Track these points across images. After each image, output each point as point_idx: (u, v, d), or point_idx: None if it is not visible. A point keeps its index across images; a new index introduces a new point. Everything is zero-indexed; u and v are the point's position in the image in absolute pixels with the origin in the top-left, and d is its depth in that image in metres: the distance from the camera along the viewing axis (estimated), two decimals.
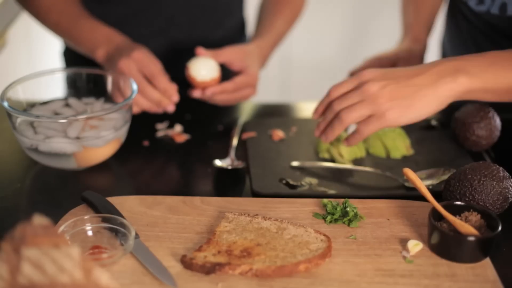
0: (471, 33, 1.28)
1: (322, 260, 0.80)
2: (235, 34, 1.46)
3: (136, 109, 1.17)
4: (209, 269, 0.77)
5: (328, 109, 1.00)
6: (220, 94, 1.19)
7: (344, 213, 0.89)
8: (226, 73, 1.23)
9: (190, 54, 1.22)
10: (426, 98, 0.93)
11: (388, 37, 2.76)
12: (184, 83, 1.20)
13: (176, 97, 1.16)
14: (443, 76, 0.93)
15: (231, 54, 1.22)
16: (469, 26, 1.28)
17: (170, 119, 1.24)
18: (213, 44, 1.31)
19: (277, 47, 1.38)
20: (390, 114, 0.94)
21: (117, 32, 1.25)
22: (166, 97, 1.15)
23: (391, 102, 0.93)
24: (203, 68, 1.17)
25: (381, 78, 0.95)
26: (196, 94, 1.18)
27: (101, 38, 1.24)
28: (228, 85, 1.19)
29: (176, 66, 1.28)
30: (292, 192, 0.99)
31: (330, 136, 1.01)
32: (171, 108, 1.16)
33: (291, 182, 1.01)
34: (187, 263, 0.79)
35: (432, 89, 0.93)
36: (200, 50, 1.20)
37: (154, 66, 1.16)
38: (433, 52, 1.66)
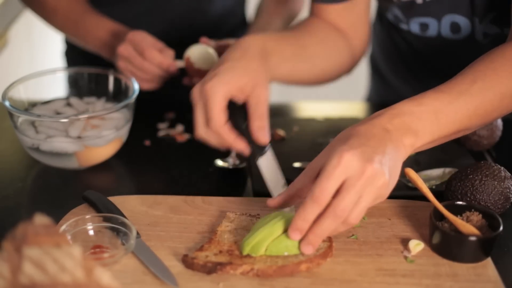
0: (412, 55, 1.24)
1: (323, 260, 0.80)
2: (237, 34, 1.46)
3: (150, 85, 1.18)
4: (211, 269, 0.77)
5: (329, 216, 0.75)
6: None
7: None
8: None
9: None
10: (402, 157, 0.81)
11: None
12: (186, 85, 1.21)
13: (172, 68, 1.16)
14: (400, 136, 0.80)
15: (230, 44, 1.22)
16: (410, 49, 1.24)
17: (172, 118, 1.24)
18: None
19: None
20: (389, 189, 0.78)
21: (124, 27, 1.25)
22: (163, 70, 1.16)
23: (390, 174, 0.77)
24: (202, 55, 1.17)
25: (368, 157, 0.76)
26: (197, 82, 1.18)
27: (107, 35, 1.25)
28: None
29: None
30: None
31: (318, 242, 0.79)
32: (174, 71, 1.17)
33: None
34: (188, 262, 0.79)
35: (401, 153, 0.80)
36: (204, 38, 1.20)
37: (144, 42, 1.16)
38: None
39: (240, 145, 0.89)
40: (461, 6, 1.08)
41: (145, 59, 1.15)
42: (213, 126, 0.88)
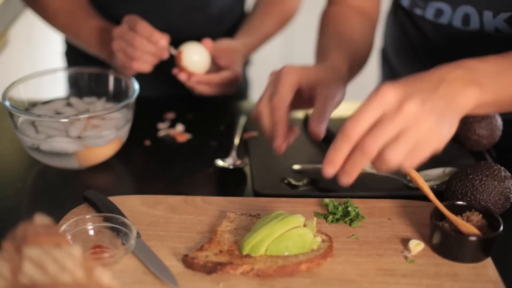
0: (425, 47, 1.24)
1: (323, 260, 0.80)
2: (236, 32, 1.47)
3: (141, 65, 1.18)
4: (211, 269, 0.77)
5: (357, 153, 0.73)
6: (204, 84, 1.20)
7: (346, 213, 0.89)
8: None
9: None
10: (458, 109, 0.76)
11: None
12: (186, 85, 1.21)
13: (162, 42, 1.16)
14: (462, 86, 0.76)
15: (223, 49, 1.23)
16: (424, 39, 1.24)
17: (172, 118, 1.24)
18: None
19: (261, 47, 1.39)
20: (441, 132, 0.74)
21: None
22: (153, 44, 1.16)
23: (438, 120, 0.73)
24: (195, 54, 1.18)
25: (410, 94, 0.72)
26: (182, 77, 1.19)
27: (108, 37, 1.25)
28: (215, 77, 1.20)
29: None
30: (294, 192, 0.99)
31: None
32: (165, 55, 1.18)
33: (293, 182, 1.01)
34: (188, 262, 0.79)
35: (456, 101, 0.76)
36: (207, 40, 1.21)
37: (135, 18, 1.17)
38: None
39: (282, 131, 0.91)
40: None
41: (136, 33, 1.15)
42: (275, 101, 0.91)
